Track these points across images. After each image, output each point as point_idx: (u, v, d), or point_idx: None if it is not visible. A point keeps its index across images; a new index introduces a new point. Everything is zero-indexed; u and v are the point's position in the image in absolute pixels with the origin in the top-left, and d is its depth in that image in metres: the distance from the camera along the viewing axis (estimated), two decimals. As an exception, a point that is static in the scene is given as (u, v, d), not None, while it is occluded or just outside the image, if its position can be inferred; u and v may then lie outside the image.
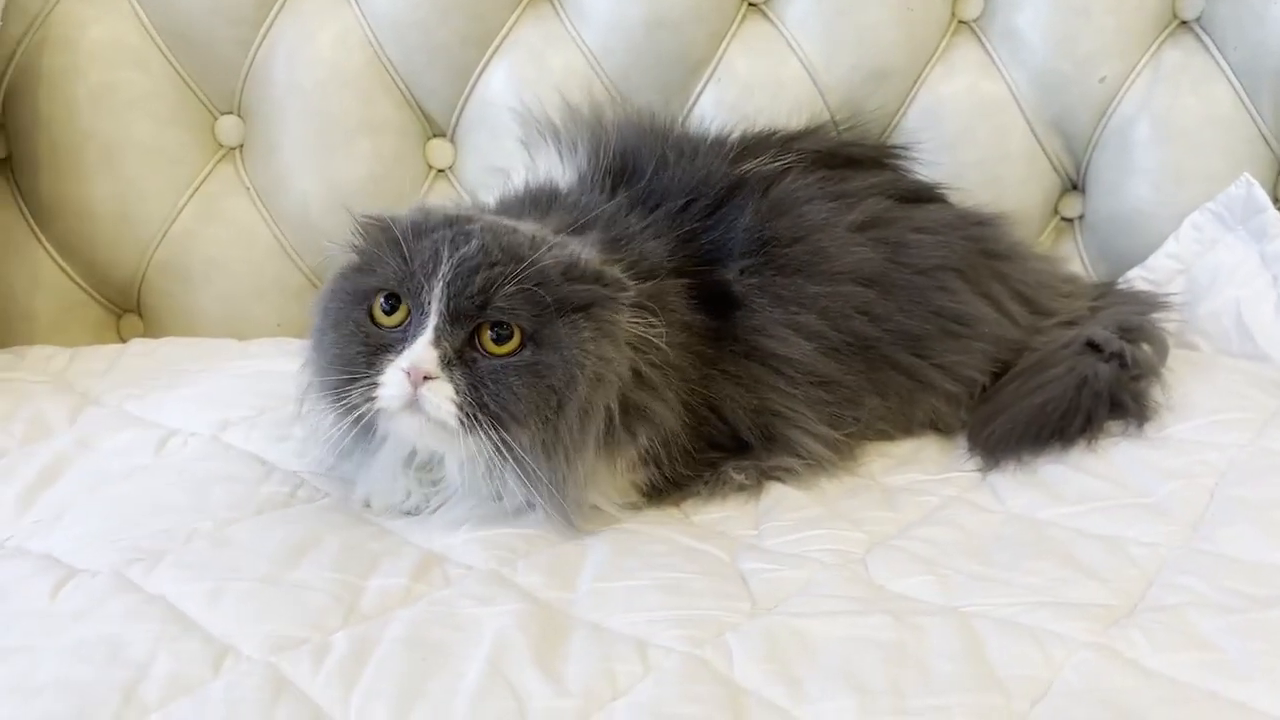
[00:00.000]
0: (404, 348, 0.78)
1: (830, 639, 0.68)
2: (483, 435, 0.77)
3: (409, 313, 0.80)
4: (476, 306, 0.78)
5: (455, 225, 0.82)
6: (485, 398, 0.78)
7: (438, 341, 0.77)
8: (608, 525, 0.85)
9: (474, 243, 0.79)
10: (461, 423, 0.77)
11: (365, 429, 0.81)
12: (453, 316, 0.78)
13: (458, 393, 0.77)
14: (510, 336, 0.79)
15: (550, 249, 0.81)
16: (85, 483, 0.90)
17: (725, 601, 0.73)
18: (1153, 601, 0.73)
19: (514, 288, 0.78)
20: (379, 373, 0.78)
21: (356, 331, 0.80)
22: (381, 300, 0.80)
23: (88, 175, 1.29)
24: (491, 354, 0.79)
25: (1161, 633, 0.69)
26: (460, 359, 0.78)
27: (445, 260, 0.78)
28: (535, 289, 0.78)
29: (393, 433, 0.82)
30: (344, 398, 0.79)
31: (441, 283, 0.78)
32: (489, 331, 0.79)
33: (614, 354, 0.82)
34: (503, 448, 0.77)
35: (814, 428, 0.94)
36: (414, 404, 0.77)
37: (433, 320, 0.78)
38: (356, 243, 0.85)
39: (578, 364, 0.79)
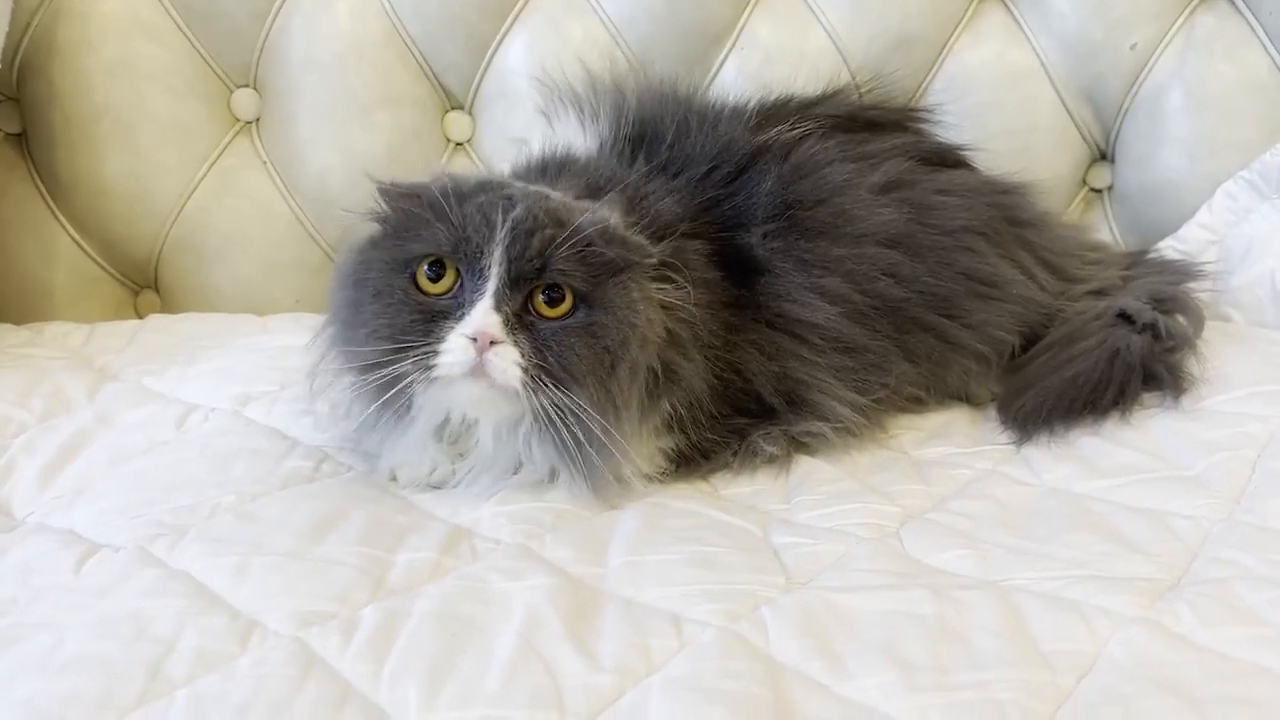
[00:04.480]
0: (462, 314, 0.77)
1: (868, 613, 0.67)
2: (547, 397, 0.77)
3: (457, 278, 0.78)
4: (535, 269, 0.77)
5: (496, 190, 0.81)
6: (549, 359, 0.77)
7: (498, 306, 0.76)
8: (637, 499, 0.83)
9: (521, 206, 0.78)
10: (526, 385, 0.76)
11: (399, 400, 0.80)
12: (512, 280, 0.77)
13: (523, 356, 0.76)
14: (562, 299, 0.78)
15: (586, 213, 0.80)
16: (106, 458, 0.89)
17: (759, 576, 0.72)
18: (1198, 575, 0.72)
19: (568, 250, 0.77)
20: (439, 340, 0.77)
21: (405, 300, 0.79)
22: (427, 267, 0.79)
23: (103, 150, 1.28)
24: (544, 317, 0.78)
25: (1209, 607, 0.67)
26: (520, 323, 0.77)
27: (500, 224, 0.77)
28: (586, 250, 0.78)
29: (435, 402, 0.81)
30: (389, 368, 0.77)
31: (500, 246, 0.77)
32: (542, 294, 0.78)
33: (655, 314, 0.82)
34: (564, 409, 0.77)
35: (840, 393, 0.92)
36: (478, 369, 0.76)
37: (492, 284, 0.77)
38: (381, 210, 0.83)
39: (630, 324, 0.79)
